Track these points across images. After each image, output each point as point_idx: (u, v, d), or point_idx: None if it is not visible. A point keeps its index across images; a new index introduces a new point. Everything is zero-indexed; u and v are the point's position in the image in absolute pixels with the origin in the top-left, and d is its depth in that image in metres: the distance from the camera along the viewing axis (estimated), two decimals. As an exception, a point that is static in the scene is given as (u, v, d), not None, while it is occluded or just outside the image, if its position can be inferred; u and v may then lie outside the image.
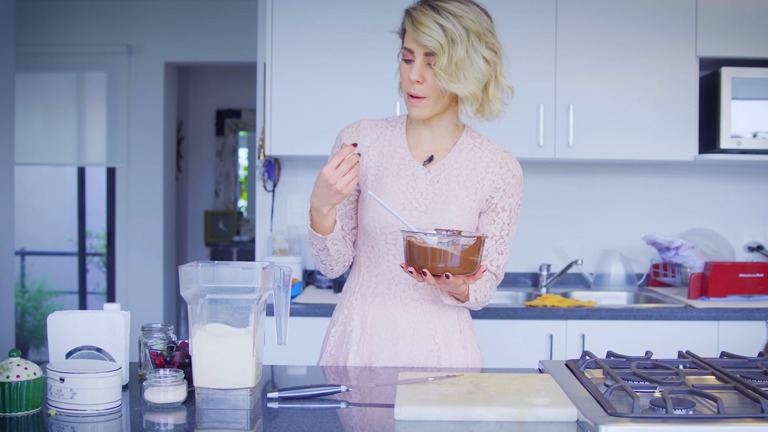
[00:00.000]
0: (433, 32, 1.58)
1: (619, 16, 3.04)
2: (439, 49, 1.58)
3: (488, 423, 1.25)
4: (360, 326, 1.76)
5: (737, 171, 3.41)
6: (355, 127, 1.79)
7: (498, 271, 1.77)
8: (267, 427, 1.26)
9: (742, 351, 2.46)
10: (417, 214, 1.71)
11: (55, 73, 5.07)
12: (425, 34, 1.58)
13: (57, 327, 1.46)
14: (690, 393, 1.30)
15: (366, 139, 1.77)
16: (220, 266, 1.36)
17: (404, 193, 1.72)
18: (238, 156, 6.38)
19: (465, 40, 1.59)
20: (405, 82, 1.67)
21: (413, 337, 1.74)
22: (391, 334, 1.74)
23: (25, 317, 5.90)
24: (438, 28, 1.58)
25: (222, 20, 4.92)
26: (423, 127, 1.76)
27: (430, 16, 1.58)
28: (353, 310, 1.78)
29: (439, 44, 1.58)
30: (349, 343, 1.76)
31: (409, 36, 1.62)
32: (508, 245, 1.77)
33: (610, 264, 3.30)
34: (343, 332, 1.79)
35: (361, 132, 1.78)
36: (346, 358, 1.75)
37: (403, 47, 1.66)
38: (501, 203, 1.74)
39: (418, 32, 1.59)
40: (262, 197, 3.39)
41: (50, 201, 6.16)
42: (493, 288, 1.76)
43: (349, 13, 3.01)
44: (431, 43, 1.58)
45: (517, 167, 1.77)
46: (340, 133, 1.81)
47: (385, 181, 1.73)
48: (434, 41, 1.58)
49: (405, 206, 1.72)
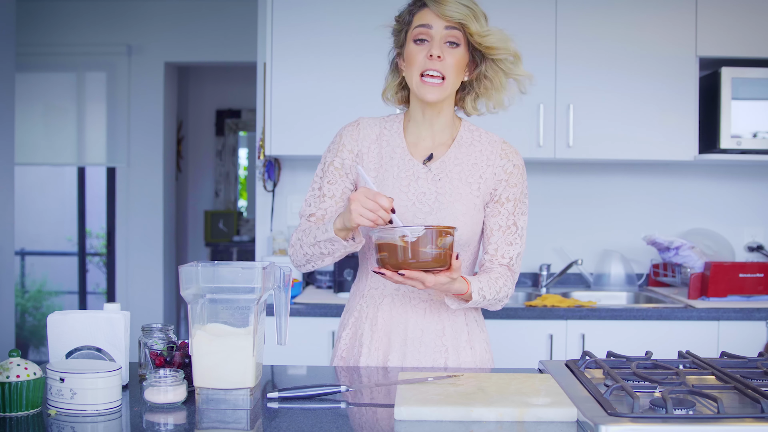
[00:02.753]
0: (458, 6, 1.62)
1: (619, 17, 3.04)
2: (467, 18, 1.63)
3: (488, 423, 1.25)
4: (370, 329, 1.75)
5: (737, 171, 3.41)
6: (356, 126, 1.78)
7: (510, 264, 1.73)
8: (267, 427, 1.26)
9: (742, 351, 2.47)
10: (421, 215, 1.70)
11: (55, 73, 5.06)
12: (452, 8, 1.62)
13: (57, 327, 1.46)
14: (690, 393, 1.30)
15: (366, 140, 1.76)
16: (220, 266, 1.36)
17: (406, 194, 1.71)
18: (238, 156, 6.38)
19: (482, 20, 1.66)
20: (419, 63, 1.65)
21: (421, 339, 1.73)
22: (401, 335, 1.73)
23: (25, 317, 5.90)
24: (460, 4, 1.63)
25: (222, 20, 4.92)
26: (421, 123, 1.74)
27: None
28: (363, 313, 1.77)
29: (465, 15, 1.63)
30: (361, 346, 1.75)
31: (428, 12, 1.64)
32: (518, 236, 1.73)
33: (610, 264, 3.30)
34: (354, 335, 1.78)
35: (362, 131, 1.77)
36: (357, 360, 1.75)
37: (419, 25, 1.65)
38: (505, 194, 1.73)
39: (443, 6, 1.62)
40: (262, 197, 3.39)
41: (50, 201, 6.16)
42: (508, 284, 1.71)
43: (349, 13, 3.01)
44: (458, 14, 1.62)
45: (518, 157, 1.77)
46: (340, 131, 1.80)
47: (385, 182, 1.72)
48: (461, 12, 1.62)
49: (409, 207, 1.70)
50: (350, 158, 1.76)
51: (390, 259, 1.49)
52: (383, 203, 1.51)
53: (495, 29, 1.67)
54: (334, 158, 1.77)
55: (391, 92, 1.79)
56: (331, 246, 1.64)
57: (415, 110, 1.75)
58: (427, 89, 1.65)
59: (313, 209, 1.77)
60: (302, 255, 1.72)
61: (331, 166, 1.76)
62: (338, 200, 1.76)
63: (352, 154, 1.76)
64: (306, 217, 1.78)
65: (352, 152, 1.76)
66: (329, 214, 1.76)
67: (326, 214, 1.76)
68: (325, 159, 1.79)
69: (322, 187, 1.77)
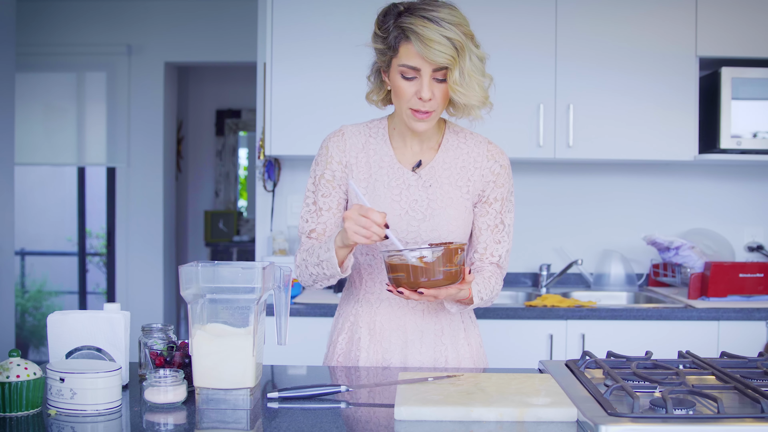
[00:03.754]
0: (444, 47, 1.54)
1: (619, 16, 3.04)
2: (452, 62, 1.55)
3: (488, 423, 1.25)
4: (368, 333, 1.75)
5: (737, 171, 3.41)
6: (341, 136, 1.76)
7: (500, 261, 1.76)
8: (267, 427, 1.26)
9: (742, 351, 2.47)
10: (415, 222, 1.70)
11: (55, 73, 5.07)
12: (438, 51, 1.53)
13: (57, 327, 1.46)
14: (690, 393, 1.30)
15: (353, 149, 1.74)
16: (220, 266, 1.36)
17: (399, 203, 1.71)
18: (238, 156, 6.38)
19: (467, 47, 1.56)
20: (408, 99, 1.62)
21: (422, 340, 1.74)
22: (401, 337, 1.73)
23: (25, 317, 5.90)
24: (446, 41, 1.54)
25: (222, 20, 4.92)
26: (407, 131, 1.73)
27: (435, 30, 1.53)
28: (359, 318, 1.76)
29: (451, 58, 1.55)
30: (359, 350, 1.75)
31: (414, 53, 1.56)
32: (505, 234, 1.76)
33: (610, 264, 3.30)
34: (351, 339, 1.77)
35: (348, 140, 1.75)
36: (356, 364, 1.75)
37: (405, 65, 1.59)
38: (492, 194, 1.74)
39: (430, 50, 1.53)
40: (262, 197, 3.39)
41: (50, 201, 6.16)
42: (498, 281, 1.74)
43: (349, 13, 3.01)
44: (444, 59, 1.54)
45: (504, 157, 1.77)
46: (325, 143, 1.77)
47: (376, 192, 1.71)
48: (447, 56, 1.54)
49: (402, 216, 1.70)
50: (340, 169, 1.74)
51: (407, 279, 1.51)
52: (376, 219, 1.50)
53: (477, 81, 1.58)
54: (324, 171, 1.75)
55: (377, 96, 1.76)
56: (333, 269, 1.63)
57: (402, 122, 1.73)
58: (421, 124, 1.64)
59: (312, 225, 1.75)
60: (308, 276, 1.71)
61: (323, 179, 1.75)
62: (335, 212, 1.75)
63: (341, 165, 1.74)
64: (306, 234, 1.76)
65: (341, 163, 1.74)
66: (330, 228, 1.75)
67: (327, 228, 1.74)
68: (314, 172, 1.77)
69: (316, 201, 1.75)
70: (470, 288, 1.62)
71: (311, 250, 1.68)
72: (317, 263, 1.65)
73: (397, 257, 1.50)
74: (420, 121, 1.64)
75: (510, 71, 3.01)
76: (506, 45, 3.01)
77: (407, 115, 1.64)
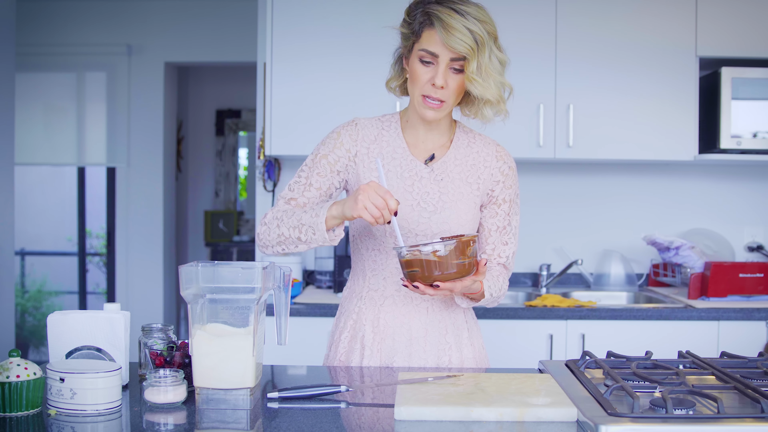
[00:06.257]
0: (464, 36, 1.58)
1: (619, 16, 3.04)
2: (470, 53, 1.58)
3: (488, 423, 1.25)
4: (372, 330, 1.74)
5: (737, 171, 3.41)
6: (354, 126, 1.76)
7: (507, 262, 1.79)
8: (267, 427, 1.26)
9: (742, 351, 2.47)
10: (426, 214, 1.71)
11: (55, 73, 5.06)
12: (458, 39, 1.57)
13: (57, 327, 1.46)
14: (690, 393, 1.30)
15: (365, 140, 1.75)
16: (220, 266, 1.36)
17: (411, 194, 1.72)
18: (238, 156, 6.38)
19: (488, 44, 1.60)
20: (422, 84, 1.64)
21: (426, 338, 1.74)
22: (405, 335, 1.73)
23: (25, 317, 5.90)
24: (467, 32, 1.58)
25: (222, 20, 4.92)
26: (420, 125, 1.74)
27: (459, 20, 1.58)
28: (362, 315, 1.76)
29: (470, 48, 1.58)
30: (363, 348, 1.75)
31: (435, 39, 1.60)
32: (512, 236, 1.79)
33: (610, 264, 3.30)
34: (354, 337, 1.77)
35: (360, 131, 1.75)
36: (359, 362, 1.75)
37: (425, 50, 1.62)
38: (501, 195, 1.77)
39: (451, 36, 1.57)
40: (262, 197, 3.39)
41: (50, 201, 6.16)
42: (505, 281, 1.77)
43: (349, 13, 3.01)
44: (464, 47, 1.58)
45: (511, 159, 1.81)
46: (338, 129, 1.76)
47: (389, 182, 1.72)
48: (466, 46, 1.58)
49: (414, 207, 1.71)
50: (346, 157, 1.74)
51: (422, 273, 1.51)
52: (391, 204, 1.51)
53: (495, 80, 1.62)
54: (329, 153, 1.74)
55: (396, 83, 1.78)
56: (312, 234, 1.61)
57: (414, 113, 1.74)
58: (427, 110, 1.66)
59: (296, 195, 1.73)
60: (276, 235, 1.67)
61: (324, 159, 1.74)
62: (323, 194, 1.74)
63: (349, 153, 1.74)
64: (285, 200, 1.74)
65: (350, 152, 1.74)
66: (310, 204, 1.73)
67: (307, 203, 1.73)
68: (318, 151, 1.75)
69: (310, 177, 1.74)
70: (482, 282, 1.64)
71: (290, 212, 1.67)
72: (295, 226, 1.63)
73: (411, 253, 1.51)
74: (430, 109, 1.65)
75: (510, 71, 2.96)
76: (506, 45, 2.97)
77: (418, 102, 1.66)
